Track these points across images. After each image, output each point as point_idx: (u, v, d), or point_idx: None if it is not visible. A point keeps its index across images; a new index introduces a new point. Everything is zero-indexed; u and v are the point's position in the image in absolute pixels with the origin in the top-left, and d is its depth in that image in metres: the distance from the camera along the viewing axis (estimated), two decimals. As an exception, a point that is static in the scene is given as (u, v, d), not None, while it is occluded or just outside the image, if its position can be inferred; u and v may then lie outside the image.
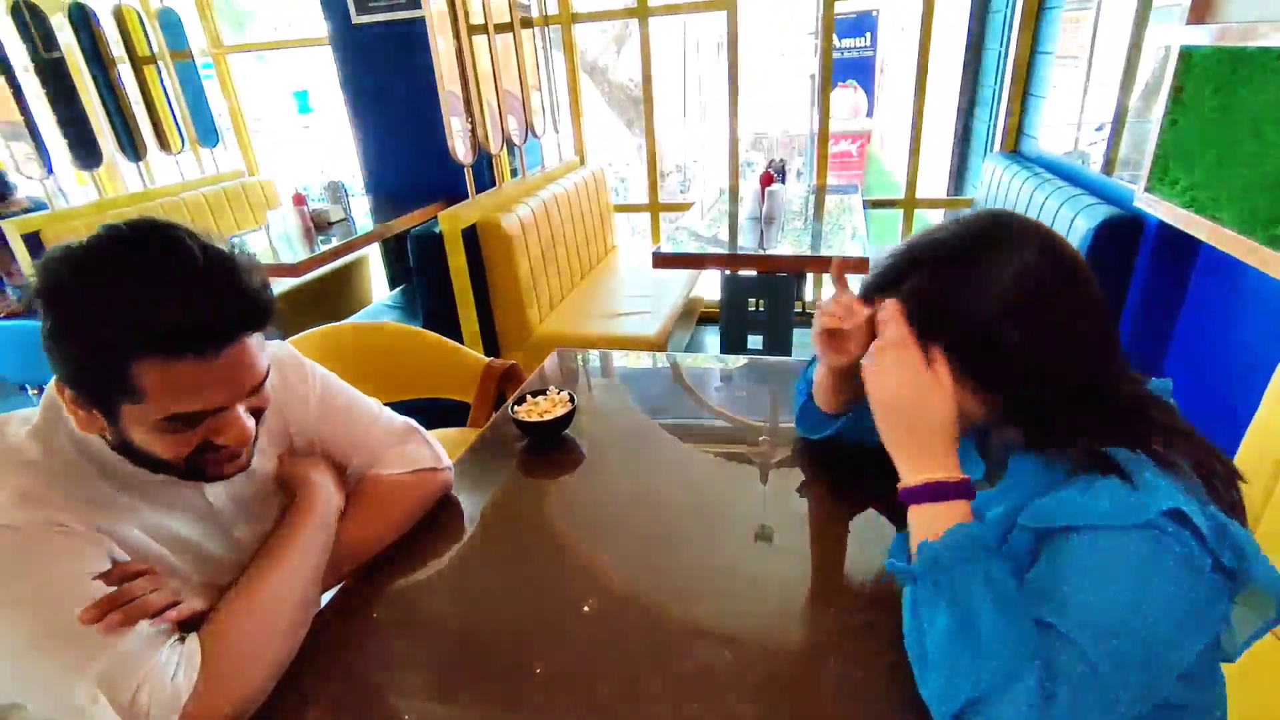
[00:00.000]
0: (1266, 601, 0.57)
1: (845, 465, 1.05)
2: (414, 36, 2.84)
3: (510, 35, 2.82)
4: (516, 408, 1.16)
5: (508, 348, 2.68)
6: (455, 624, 0.81)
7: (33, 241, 2.65)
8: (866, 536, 0.90)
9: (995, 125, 3.13)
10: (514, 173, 3.09)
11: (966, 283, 0.64)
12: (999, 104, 3.09)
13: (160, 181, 3.39)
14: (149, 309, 0.61)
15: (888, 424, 0.68)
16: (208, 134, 3.57)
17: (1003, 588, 0.58)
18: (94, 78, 3.11)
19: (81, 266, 0.62)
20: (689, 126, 8.56)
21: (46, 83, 2.88)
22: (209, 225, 3.36)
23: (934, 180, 4.50)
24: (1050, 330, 0.63)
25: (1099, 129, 2.18)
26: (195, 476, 0.74)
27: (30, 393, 3.33)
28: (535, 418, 1.13)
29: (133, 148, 3.25)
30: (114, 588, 0.66)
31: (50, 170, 2.83)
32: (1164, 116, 1.70)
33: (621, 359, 1.57)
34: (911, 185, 3.26)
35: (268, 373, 0.72)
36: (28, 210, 3.05)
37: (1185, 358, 1.87)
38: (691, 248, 2.51)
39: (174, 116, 3.42)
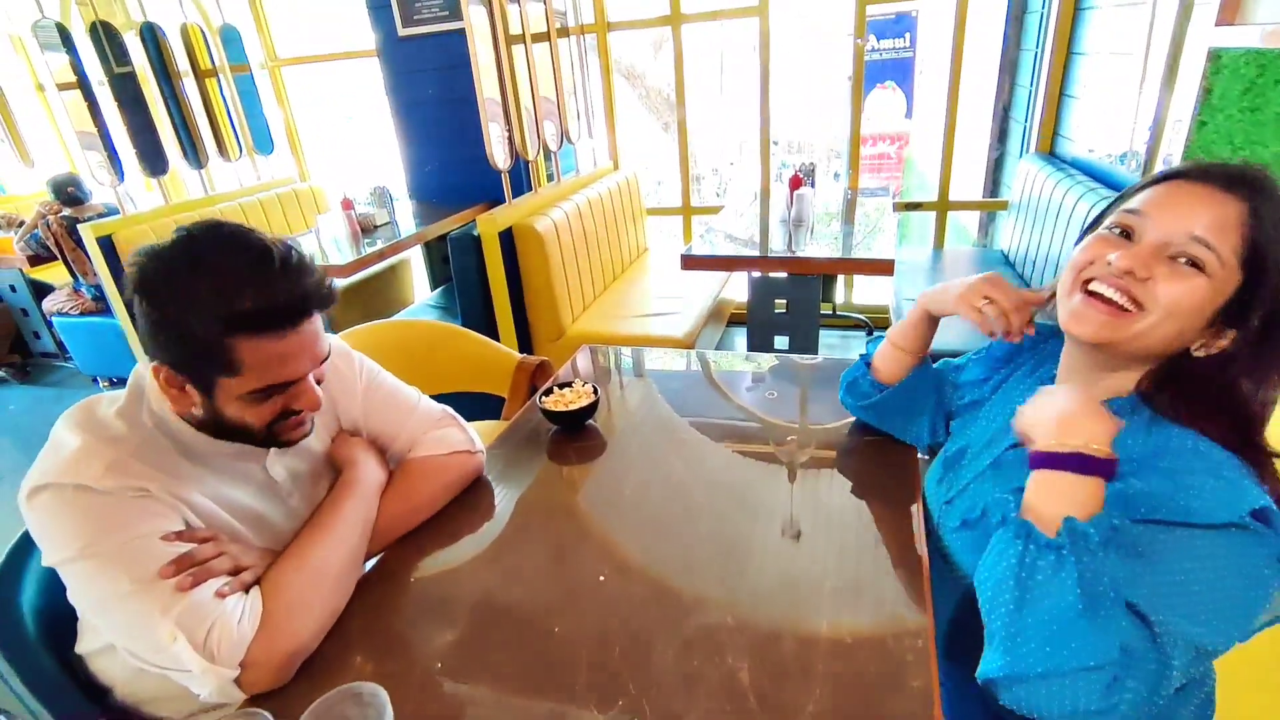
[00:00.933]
0: None
1: (872, 466, 1.10)
2: (456, 47, 2.96)
3: (547, 43, 2.92)
4: (544, 398, 1.24)
5: (541, 346, 2.77)
6: (483, 588, 0.89)
7: (105, 244, 2.85)
8: (867, 519, 0.95)
9: (1031, 126, 3.11)
10: (550, 177, 3.19)
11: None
12: (1034, 105, 3.07)
13: (219, 188, 3.60)
14: (237, 294, 0.72)
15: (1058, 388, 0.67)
16: (263, 142, 3.77)
17: (1118, 578, 0.58)
18: (161, 90, 3.32)
19: (173, 264, 0.72)
20: (726, 130, 8.58)
21: (118, 96, 3.09)
22: (264, 228, 3.54)
23: (972, 181, 4.45)
24: None
25: (1151, 126, 2.15)
26: (271, 442, 0.85)
27: (101, 384, 3.56)
28: (561, 408, 1.21)
29: (195, 156, 3.46)
30: (188, 545, 0.77)
31: (122, 177, 3.03)
32: (1193, 118, 1.69)
33: (648, 355, 1.64)
34: (945, 187, 3.26)
35: (330, 349, 0.84)
36: (101, 215, 3.29)
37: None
38: (721, 250, 2.56)
39: (233, 126, 3.62)
